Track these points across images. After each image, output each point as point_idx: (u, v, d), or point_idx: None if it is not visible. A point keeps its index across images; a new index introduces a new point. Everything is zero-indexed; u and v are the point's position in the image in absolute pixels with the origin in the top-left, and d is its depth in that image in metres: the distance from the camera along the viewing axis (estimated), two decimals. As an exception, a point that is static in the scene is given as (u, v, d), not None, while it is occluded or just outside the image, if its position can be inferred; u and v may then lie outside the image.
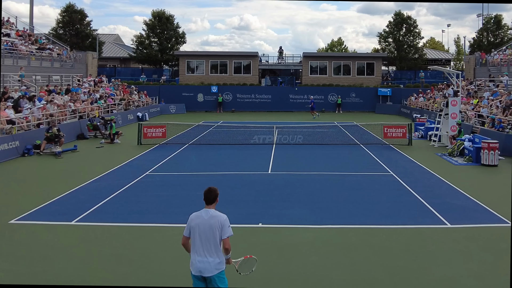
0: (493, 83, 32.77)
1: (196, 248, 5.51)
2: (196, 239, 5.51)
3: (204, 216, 5.57)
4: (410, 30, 51.61)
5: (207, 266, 5.44)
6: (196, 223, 5.56)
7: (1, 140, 18.00)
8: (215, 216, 5.54)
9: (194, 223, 5.58)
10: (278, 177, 15.41)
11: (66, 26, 49.02)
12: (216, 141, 23.26)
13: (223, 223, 5.51)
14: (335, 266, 8.18)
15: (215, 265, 5.47)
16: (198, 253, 5.48)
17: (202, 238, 5.48)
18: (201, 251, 5.47)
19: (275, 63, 51.45)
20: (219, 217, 5.54)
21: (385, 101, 45.10)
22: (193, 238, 5.55)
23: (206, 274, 5.45)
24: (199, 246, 5.48)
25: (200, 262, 5.46)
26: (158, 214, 11.18)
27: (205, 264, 5.44)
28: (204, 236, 5.48)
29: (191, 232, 5.59)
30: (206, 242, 5.47)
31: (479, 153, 17.75)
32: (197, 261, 5.48)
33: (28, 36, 37.21)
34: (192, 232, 5.57)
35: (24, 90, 24.97)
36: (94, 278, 7.62)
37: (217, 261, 5.49)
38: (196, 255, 5.49)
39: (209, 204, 5.65)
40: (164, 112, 41.16)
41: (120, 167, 16.94)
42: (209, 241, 5.46)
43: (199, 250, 5.48)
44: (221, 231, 5.50)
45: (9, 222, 10.39)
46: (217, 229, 5.49)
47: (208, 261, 5.44)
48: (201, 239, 5.48)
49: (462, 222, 10.58)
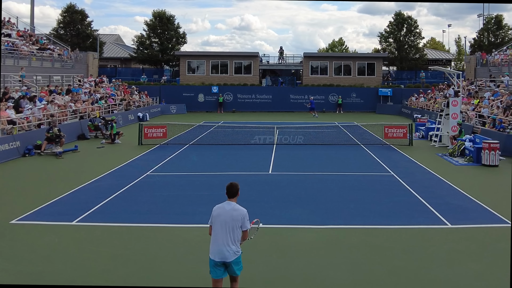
0: (494, 83, 32.76)
1: (217, 237, 6.01)
2: (217, 228, 6.02)
3: (226, 208, 6.09)
4: (411, 30, 51.58)
5: (228, 253, 5.96)
6: (218, 213, 6.09)
7: (2, 140, 18.03)
8: (237, 210, 6.08)
9: (216, 213, 6.11)
10: (279, 177, 15.41)
11: (67, 27, 49.04)
12: (216, 141, 23.27)
13: (244, 216, 6.08)
14: (336, 267, 8.18)
15: (234, 252, 6.00)
16: (219, 241, 5.98)
17: (224, 227, 5.99)
18: (221, 239, 5.97)
19: (275, 63, 51.46)
20: (241, 211, 6.09)
21: (386, 101, 45.08)
22: (214, 227, 6.06)
23: (226, 259, 5.98)
24: (220, 234, 5.98)
25: (221, 249, 5.96)
26: (159, 214, 11.19)
27: (225, 251, 5.96)
28: (226, 226, 5.98)
29: (213, 222, 6.11)
30: (227, 232, 5.97)
31: (479, 153, 17.75)
32: (218, 248, 5.97)
33: (29, 36, 37.26)
34: (214, 221, 6.09)
35: (25, 91, 24.99)
36: (95, 278, 7.63)
37: (236, 248, 6.03)
38: (217, 243, 6.00)
39: (232, 198, 6.19)
40: (164, 112, 41.18)
41: (120, 167, 16.95)
42: (230, 231, 5.98)
43: (220, 238, 5.98)
44: (241, 223, 6.05)
45: (10, 222, 10.40)
46: (239, 221, 6.03)
47: (228, 249, 5.96)
48: (222, 228, 5.98)
49: (462, 222, 10.58)
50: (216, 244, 6.02)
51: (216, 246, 6.01)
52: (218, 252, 5.98)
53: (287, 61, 51.75)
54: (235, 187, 6.23)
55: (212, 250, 6.05)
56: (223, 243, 5.97)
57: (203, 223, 10.45)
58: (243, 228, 6.09)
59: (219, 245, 5.98)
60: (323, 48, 79.78)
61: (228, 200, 6.20)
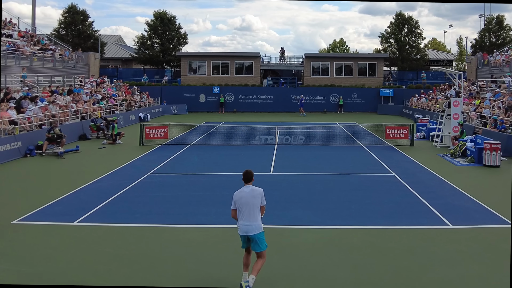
0: (495, 84, 32.74)
1: (243, 215, 7.08)
2: (242, 208, 7.08)
3: (246, 190, 7.20)
4: (412, 31, 51.55)
5: (252, 228, 7.02)
6: (240, 197, 7.16)
7: (4, 140, 18.05)
8: (256, 190, 7.22)
9: (238, 197, 7.17)
10: (280, 177, 15.41)
11: (68, 27, 49.07)
12: (218, 141, 23.28)
13: (262, 194, 7.23)
14: (337, 267, 8.17)
15: (257, 226, 7.05)
16: (245, 219, 7.05)
17: (247, 207, 7.07)
18: (247, 217, 7.05)
19: (277, 64, 51.44)
20: (259, 190, 7.26)
21: (387, 101, 45.06)
22: (240, 208, 7.11)
23: (251, 233, 7.01)
24: (245, 213, 7.06)
25: (246, 225, 7.04)
26: (160, 215, 11.19)
27: (250, 226, 7.02)
28: (248, 205, 7.07)
29: (237, 205, 7.16)
30: (250, 210, 7.05)
31: (481, 153, 17.73)
32: (244, 225, 7.06)
33: (31, 37, 37.30)
34: (239, 204, 7.14)
35: (26, 91, 25.04)
36: (96, 278, 7.63)
37: (258, 223, 7.09)
38: (243, 221, 7.07)
39: (248, 182, 7.30)
40: (166, 112, 41.19)
41: (122, 167, 16.96)
42: (253, 209, 7.07)
43: (245, 217, 7.06)
44: (260, 200, 7.16)
45: (12, 222, 10.41)
46: (258, 199, 7.15)
47: (252, 224, 7.02)
48: (246, 208, 7.06)
49: (464, 223, 10.57)
50: (242, 222, 7.06)
51: (243, 224, 7.06)
52: (243, 228, 7.05)
53: (288, 62, 51.75)
54: (250, 173, 7.36)
55: (239, 226, 7.13)
56: (249, 220, 7.02)
57: (204, 223, 10.49)
58: (262, 203, 7.19)
59: (245, 222, 7.04)
60: (324, 49, 79.80)
61: (246, 184, 7.28)
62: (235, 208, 7.20)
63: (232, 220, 10.46)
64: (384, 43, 53.02)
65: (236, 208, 7.18)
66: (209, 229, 10.14)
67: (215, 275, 7.86)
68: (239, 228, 7.13)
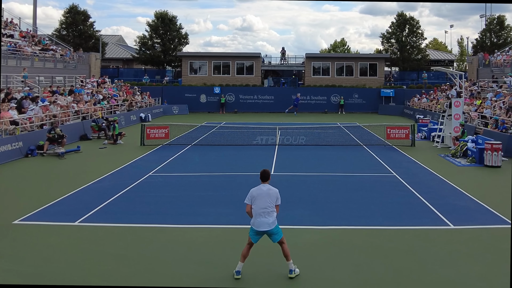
0: (496, 84, 32.72)
1: (259, 211, 7.48)
2: (258, 205, 7.48)
3: (263, 189, 7.64)
4: (413, 31, 51.54)
5: (269, 224, 7.48)
6: (257, 193, 7.57)
7: (5, 141, 18.07)
8: (272, 189, 7.68)
9: (255, 193, 7.58)
10: (281, 178, 15.39)
11: (69, 27, 49.12)
12: (218, 142, 23.29)
13: (277, 194, 7.69)
14: (338, 267, 8.18)
15: (272, 222, 7.54)
16: (261, 215, 7.48)
17: (263, 204, 7.49)
18: (262, 213, 7.47)
19: (277, 64, 51.45)
20: (275, 190, 7.71)
21: (388, 102, 45.05)
22: (257, 206, 7.50)
23: (269, 228, 7.49)
24: (261, 209, 7.47)
25: (262, 221, 7.47)
26: (161, 215, 11.19)
27: (266, 222, 7.47)
28: (264, 202, 7.49)
29: (253, 201, 7.54)
30: (266, 207, 7.48)
31: (482, 154, 17.72)
32: (260, 220, 7.47)
33: (32, 37, 37.35)
34: (254, 200, 7.53)
35: (28, 91, 25.06)
36: (97, 278, 7.64)
37: (273, 219, 7.57)
38: (259, 217, 7.48)
39: (265, 181, 7.75)
40: (166, 113, 41.22)
41: (123, 168, 16.97)
42: (268, 206, 7.51)
43: (261, 213, 7.48)
44: (276, 200, 7.63)
45: (13, 222, 10.43)
46: (274, 198, 7.61)
47: (269, 220, 7.49)
48: (264, 206, 7.47)
49: (465, 223, 10.57)
50: (258, 217, 7.47)
51: (259, 219, 7.46)
52: (260, 223, 7.46)
53: (289, 62, 51.74)
54: (267, 172, 7.86)
55: (256, 222, 7.50)
56: (265, 216, 7.46)
57: (205, 223, 10.49)
58: (277, 203, 7.65)
59: (261, 218, 7.46)
60: (325, 49, 79.79)
61: (263, 183, 7.74)
62: (250, 204, 7.57)
63: (233, 221, 10.45)
64: (385, 43, 53.02)
65: (252, 204, 7.54)
66: (210, 229, 10.15)
67: (215, 275, 7.86)
68: (257, 224, 7.50)
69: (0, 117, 19.17)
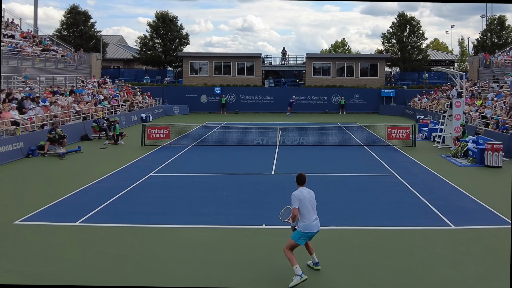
0: (497, 84, 32.70)
1: (310, 214, 7.64)
2: (308, 208, 7.65)
3: (305, 192, 7.80)
4: (414, 31, 51.51)
5: (319, 224, 7.75)
6: (303, 197, 7.69)
7: (6, 141, 18.10)
8: (311, 192, 7.88)
9: (302, 197, 7.69)
10: (282, 178, 15.40)
11: (70, 28, 49.16)
12: (219, 142, 23.31)
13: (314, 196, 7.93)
14: (339, 267, 8.18)
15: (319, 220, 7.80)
16: (313, 218, 7.65)
17: (311, 205, 7.71)
18: (313, 215, 7.68)
19: (278, 64, 51.46)
20: (312, 192, 7.90)
21: (389, 102, 45.04)
22: (307, 209, 7.63)
23: (319, 228, 7.75)
24: (312, 212, 7.67)
25: (316, 223, 7.67)
26: (162, 215, 11.21)
27: (317, 224, 7.70)
28: (311, 205, 7.72)
29: (301, 204, 7.63)
30: (313, 209, 7.73)
31: (483, 154, 17.71)
32: (315, 223, 7.65)
33: (33, 37, 37.40)
34: (304, 204, 7.63)
35: (28, 91, 25.09)
36: (98, 278, 7.65)
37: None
38: (311, 218, 7.63)
39: (302, 184, 7.93)
40: (167, 113, 41.24)
41: (124, 168, 16.98)
42: (314, 207, 7.76)
43: (313, 217, 7.66)
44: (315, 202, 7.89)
45: (14, 222, 10.44)
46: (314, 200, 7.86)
47: (318, 221, 7.74)
48: (311, 207, 7.70)
49: (465, 223, 10.57)
50: (311, 220, 7.62)
51: (313, 222, 7.62)
52: (316, 226, 7.67)
53: (290, 62, 51.75)
54: (304, 176, 8.05)
55: (310, 225, 7.61)
56: (316, 217, 7.70)
57: (206, 224, 10.50)
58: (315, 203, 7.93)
59: (314, 219, 7.66)
60: (325, 49, 79.79)
61: (301, 187, 7.89)
62: (298, 207, 7.67)
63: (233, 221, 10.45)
64: (386, 43, 52.98)
65: (299, 207, 7.65)
66: (210, 230, 10.15)
67: (216, 275, 7.87)
68: (312, 226, 7.62)
69: (1, 117, 19.21)
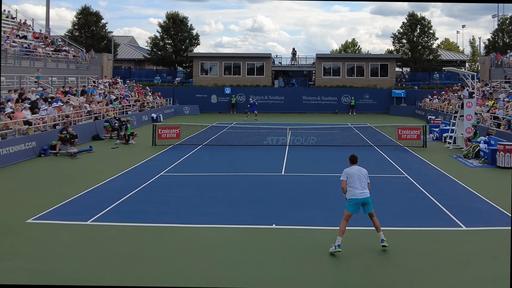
0: (509, 85, 32.40)
1: (356, 185, 8.80)
2: (356, 181, 8.82)
3: (354, 168, 9.05)
4: (424, 31, 51.18)
5: (365, 193, 8.80)
6: (352, 172, 8.93)
7: (18, 140, 18.28)
8: (362, 169, 9.09)
9: (351, 172, 8.94)
10: (292, 178, 15.40)
11: (82, 28, 49.56)
12: (229, 142, 23.34)
13: (367, 173, 9.06)
14: (349, 268, 8.17)
15: (368, 192, 8.86)
16: (359, 188, 8.77)
17: (359, 179, 8.84)
18: (360, 187, 8.79)
19: (288, 65, 51.41)
20: (365, 170, 9.13)
21: (399, 102, 44.80)
22: (353, 181, 8.82)
23: (365, 196, 8.78)
24: (358, 183, 8.81)
25: (361, 193, 8.75)
26: (173, 215, 11.25)
27: (364, 192, 8.78)
28: (359, 179, 8.85)
29: (349, 177, 8.87)
30: (361, 181, 8.84)
31: (494, 155, 17.55)
32: (360, 192, 8.76)
33: (45, 38, 37.72)
34: (352, 177, 8.85)
35: (41, 92, 25.33)
36: (109, 277, 7.71)
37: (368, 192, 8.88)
38: (357, 190, 8.76)
39: (354, 163, 9.19)
40: (178, 113, 41.39)
41: (135, 167, 17.08)
42: (364, 181, 8.88)
43: (359, 187, 8.78)
44: (367, 177, 9.00)
45: (26, 221, 10.55)
46: (365, 176, 8.98)
47: (365, 191, 8.82)
48: (359, 181, 8.84)
49: (477, 224, 10.48)
50: (357, 190, 8.75)
51: (358, 191, 8.74)
52: (360, 194, 8.72)
53: (300, 62, 51.68)
54: (356, 156, 9.32)
55: (355, 193, 8.75)
56: (362, 188, 8.77)
57: (216, 223, 10.53)
58: (367, 180, 8.99)
59: (359, 190, 8.75)
60: (335, 49, 79.56)
61: (353, 165, 9.14)
62: (346, 180, 8.87)
63: (244, 220, 10.48)
64: (396, 43, 52.71)
65: (347, 179, 8.84)
66: (221, 229, 10.18)
67: (227, 275, 7.88)
68: (356, 194, 8.72)
69: (14, 117, 19.41)
